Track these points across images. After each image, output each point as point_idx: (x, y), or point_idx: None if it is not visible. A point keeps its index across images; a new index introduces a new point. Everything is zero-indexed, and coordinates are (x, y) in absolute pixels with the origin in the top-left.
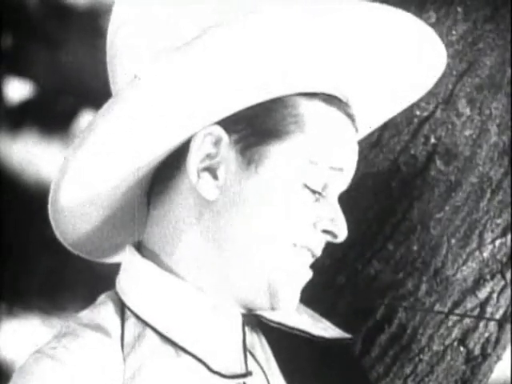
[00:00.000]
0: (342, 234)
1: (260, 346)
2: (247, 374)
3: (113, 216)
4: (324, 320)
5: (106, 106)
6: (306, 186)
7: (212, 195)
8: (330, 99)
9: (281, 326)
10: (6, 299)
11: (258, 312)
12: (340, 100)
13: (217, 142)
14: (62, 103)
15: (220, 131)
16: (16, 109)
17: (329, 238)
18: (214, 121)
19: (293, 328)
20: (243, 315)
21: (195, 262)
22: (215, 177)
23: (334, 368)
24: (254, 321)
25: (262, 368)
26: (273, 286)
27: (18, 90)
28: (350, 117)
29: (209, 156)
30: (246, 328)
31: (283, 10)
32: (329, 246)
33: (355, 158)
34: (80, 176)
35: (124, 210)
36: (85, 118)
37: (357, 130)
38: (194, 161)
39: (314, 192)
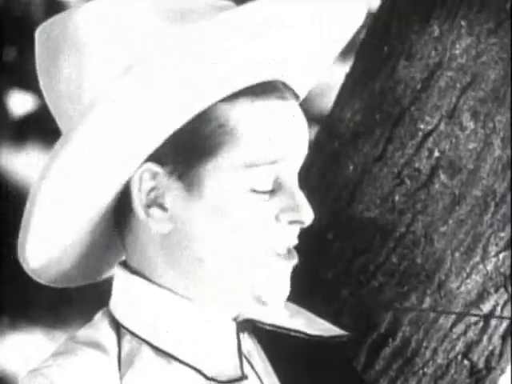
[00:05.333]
0: (307, 218)
1: (256, 352)
2: (243, 377)
3: (84, 252)
4: (320, 319)
5: (46, 163)
6: (254, 191)
7: (164, 229)
8: (255, 90)
9: (277, 328)
10: (9, 312)
11: (252, 317)
12: (264, 86)
13: (154, 176)
14: None
15: (152, 167)
16: (19, 122)
17: (297, 226)
18: (142, 159)
19: (289, 329)
20: (237, 322)
21: (176, 283)
22: (164, 209)
23: (329, 371)
24: (249, 327)
25: (258, 375)
26: (256, 295)
27: (22, 102)
28: (282, 97)
29: (152, 190)
30: (242, 335)
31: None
32: (332, 259)
33: (300, 135)
34: (40, 238)
35: (95, 241)
36: None
37: (297, 98)
38: (138, 201)
39: (264, 192)
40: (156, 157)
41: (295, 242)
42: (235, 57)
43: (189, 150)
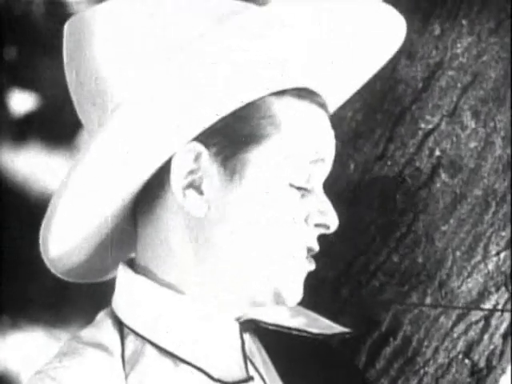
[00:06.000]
0: (333, 223)
1: (258, 352)
2: (248, 379)
3: (101, 243)
4: (321, 318)
5: (85, 145)
6: (292, 185)
7: (200, 212)
8: (300, 93)
9: (279, 328)
10: (10, 312)
11: (255, 317)
12: (309, 91)
13: (197, 158)
14: (65, 115)
15: (198, 146)
16: (20, 121)
17: (322, 231)
18: (191, 137)
19: (291, 329)
20: (240, 322)
21: (190, 276)
22: (200, 192)
23: (332, 371)
24: (251, 327)
25: (260, 375)
26: (276, 290)
27: (22, 101)
28: (322, 106)
29: (191, 172)
30: (245, 335)
31: (240, 20)
32: (332, 259)
33: (333, 144)
34: (67, 222)
35: (112, 233)
36: None
37: (329, 115)
38: (177, 180)
39: (299, 189)
40: (202, 138)
41: (317, 248)
42: (291, 57)
43: (236, 135)
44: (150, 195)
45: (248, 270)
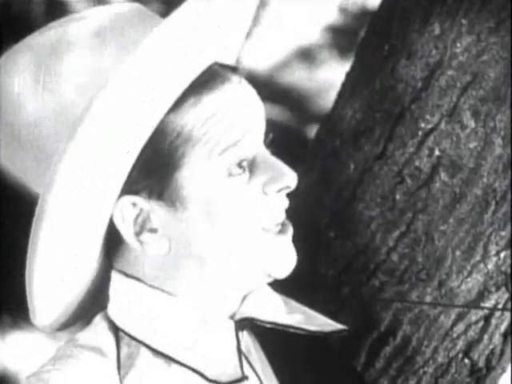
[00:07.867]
0: (291, 181)
1: (255, 350)
2: (243, 378)
3: (88, 303)
4: (319, 315)
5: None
6: (231, 175)
7: (161, 249)
8: (196, 87)
9: (276, 326)
10: (10, 311)
11: (251, 315)
12: (205, 73)
13: (134, 206)
14: None
15: (128, 198)
16: None
17: (286, 191)
18: (116, 195)
19: (288, 326)
20: (236, 321)
21: (180, 285)
22: (154, 231)
23: (328, 369)
24: (247, 325)
25: (256, 373)
26: (265, 270)
27: None
28: (223, 80)
29: (136, 218)
30: (241, 333)
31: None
32: (332, 258)
33: (256, 108)
34: (46, 297)
35: (95, 293)
36: None
37: (236, 69)
38: (127, 233)
39: (242, 171)
40: (128, 189)
41: (283, 216)
42: (164, 67)
43: (156, 169)
44: (117, 245)
45: (231, 264)
